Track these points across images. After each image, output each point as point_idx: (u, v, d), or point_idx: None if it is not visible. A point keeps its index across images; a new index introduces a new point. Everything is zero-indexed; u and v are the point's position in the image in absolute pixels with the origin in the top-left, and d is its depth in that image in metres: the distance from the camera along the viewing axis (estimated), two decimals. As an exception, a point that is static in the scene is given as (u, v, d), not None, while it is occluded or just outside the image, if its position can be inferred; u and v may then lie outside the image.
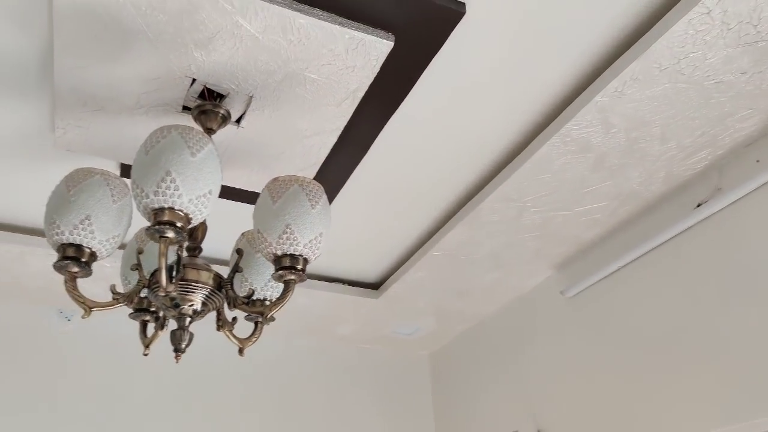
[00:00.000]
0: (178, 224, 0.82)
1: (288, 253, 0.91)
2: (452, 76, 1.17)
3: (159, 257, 0.82)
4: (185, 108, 1.17)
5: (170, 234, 0.82)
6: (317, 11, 1.00)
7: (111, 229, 0.93)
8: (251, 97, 1.14)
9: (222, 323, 1.00)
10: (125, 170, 1.38)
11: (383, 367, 2.31)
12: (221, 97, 1.15)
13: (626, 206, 1.50)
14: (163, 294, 0.86)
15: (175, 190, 0.82)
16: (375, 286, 1.96)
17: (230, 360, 2.04)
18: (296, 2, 0.98)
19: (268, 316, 0.92)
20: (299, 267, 0.91)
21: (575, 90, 1.21)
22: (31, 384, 1.79)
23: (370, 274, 1.91)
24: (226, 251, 1.72)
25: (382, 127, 1.27)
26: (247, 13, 0.97)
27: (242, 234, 1.16)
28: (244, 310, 0.93)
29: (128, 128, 1.21)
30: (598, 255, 1.66)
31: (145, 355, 1.00)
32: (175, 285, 0.87)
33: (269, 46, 1.03)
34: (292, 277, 0.91)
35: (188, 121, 1.19)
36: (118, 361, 1.91)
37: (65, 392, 1.82)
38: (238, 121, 1.20)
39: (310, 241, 0.92)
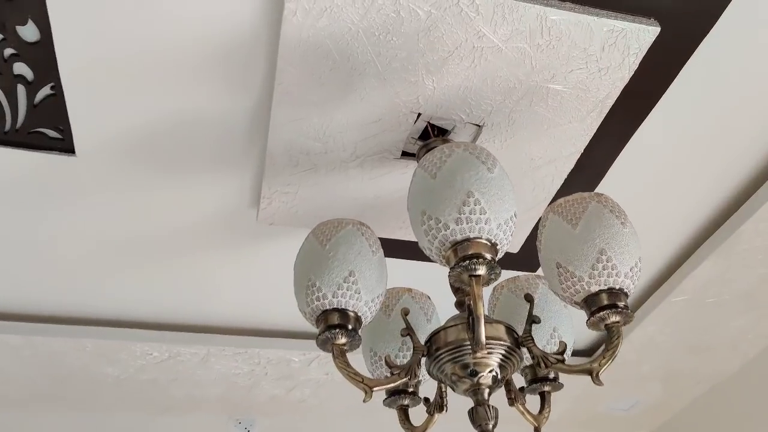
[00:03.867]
0: (488, 256, 0.65)
1: (605, 288, 0.70)
2: (718, 65, 0.97)
3: (474, 303, 0.64)
4: (404, 154, 1.03)
5: (482, 270, 0.64)
6: (569, 4, 0.85)
7: (375, 287, 0.77)
8: (481, 127, 0.99)
9: (515, 395, 0.78)
10: (325, 242, 1.25)
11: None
12: (444, 132, 1.00)
13: None
14: (479, 356, 0.67)
15: (481, 213, 0.65)
16: (587, 352, 1.68)
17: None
18: (545, -4, 0.84)
19: (598, 374, 0.70)
20: (622, 304, 0.70)
21: None
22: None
23: (580, 336, 1.64)
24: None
25: (625, 144, 1.07)
26: (493, 19, 0.83)
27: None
28: (562, 371, 0.72)
29: (339, 187, 1.08)
30: None
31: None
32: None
33: (512, 57, 0.88)
34: (617, 319, 0.70)
35: (412, 167, 1.04)
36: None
37: None
38: (462, 159, 1.04)
39: (630, 269, 0.71)
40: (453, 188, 0.67)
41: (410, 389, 0.86)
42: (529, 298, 0.76)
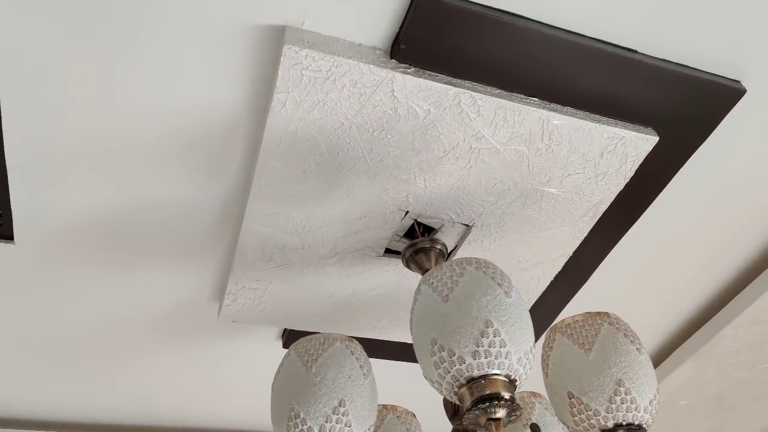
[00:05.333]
0: (507, 396, 0.57)
1: (623, 423, 0.64)
2: (707, 175, 0.96)
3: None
4: (388, 251, 0.96)
5: (502, 413, 0.56)
6: (570, 110, 0.82)
7: (367, 417, 0.67)
8: (470, 227, 0.93)
9: None
10: (290, 338, 1.14)
11: None
12: (430, 230, 0.94)
13: None
14: None
15: (501, 346, 0.58)
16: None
17: None
18: (547, 102, 0.81)
19: None
20: (642, 442, 0.64)
21: None
22: None
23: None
24: None
25: (612, 247, 1.04)
26: (494, 120, 0.79)
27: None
28: None
29: (314, 284, 0.99)
30: None
31: None
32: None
33: (509, 160, 0.84)
34: (638, 458, 0.63)
35: (394, 266, 0.97)
36: None
37: None
38: (447, 256, 0.98)
39: (650, 402, 0.65)
40: (469, 316, 0.59)
41: None
42: (535, 429, 0.69)
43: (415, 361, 1.22)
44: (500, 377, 0.58)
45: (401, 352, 1.19)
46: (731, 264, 1.13)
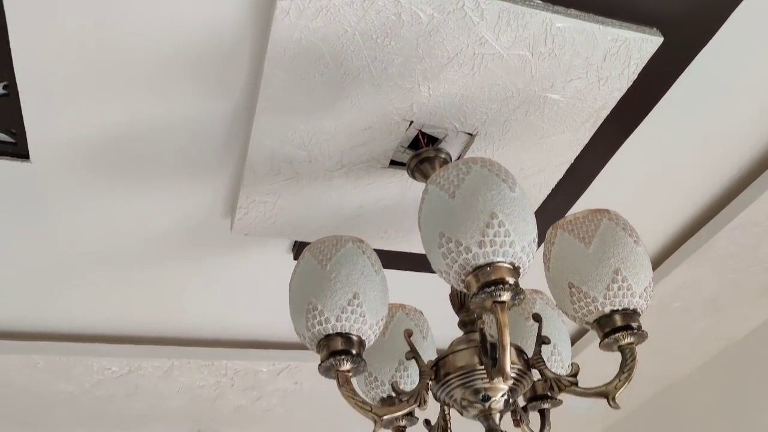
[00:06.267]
0: (511, 281, 0.61)
1: (619, 308, 0.68)
2: (709, 78, 0.97)
3: (499, 331, 0.60)
4: (393, 162, 0.98)
5: (507, 297, 0.60)
6: (574, 11, 0.82)
7: (379, 309, 0.72)
8: (473, 136, 0.95)
9: (519, 417, 0.76)
10: (300, 250, 1.18)
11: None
12: (434, 141, 0.96)
13: None
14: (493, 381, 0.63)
15: (505, 236, 0.61)
16: (556, 354, 1.68)
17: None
18: (551, 3, 0.80)
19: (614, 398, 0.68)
20: (636, 325, 0.68)
21: None
22: None
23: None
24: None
25: (613, 154, 1.06)
26: (497, 24, 0.79)
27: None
28: (576, 394, 0.69)
29: (321, 196, 1.02)
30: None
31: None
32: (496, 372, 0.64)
33: (513, 65, 0.85)
34: (631, 340, 0.68)
35: (399, 177, 1.00)
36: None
37: None
38: (451, 168, 1.00)
39: (644, 289, 0.69)
40: (475, 209, 0.62)
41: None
42: (537, 318, 0.73)
43: (421, 270, 1.27)
44: (504, 264, 0.62)
45: (408, 261, 1.23)
46: (731, 168, 1.15)
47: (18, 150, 0.90)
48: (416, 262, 1.24)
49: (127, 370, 1.33)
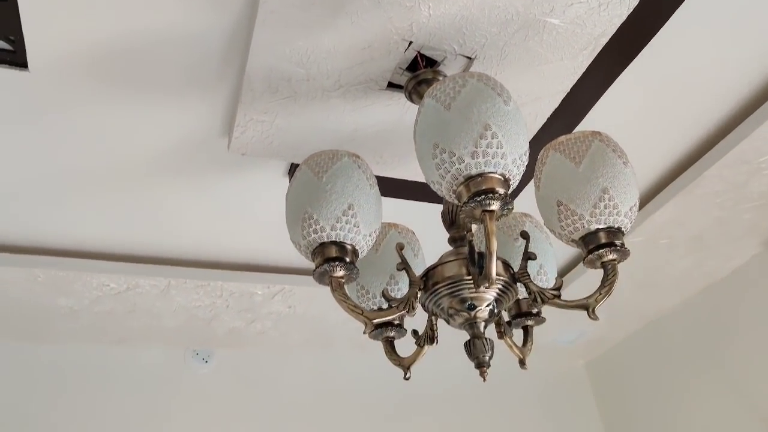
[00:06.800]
0: (501, 191, 0.63)
1: (604, 226, 0.71)
2: (712, 11, 0.97)
3: (487, 238, 0.63)
4: (390, 85, 0.98)
5: (496, 206, 0.63)
6: (577, -68, 0.81)
7: (373, 221, 0.74)
8: (471, 59, 0.95)
9: (503, 329, 0.79)
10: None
11: (538, 383, 2.07)
12: (433, 63, 0.96)
13: None
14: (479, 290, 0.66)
15: (498, 147, 0.63)
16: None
17: (392, 374, 1.84)
18: None
19: (594, 310, 0.71)
20: (619, 243, 0.71)
21: None
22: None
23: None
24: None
25: (610, 85, 1.07)
26: (500, -59, 0.78)
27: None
28: (558, 306, 0.73)
29: (318, 117, 1.03)
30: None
31: (407, 379, 0.81)
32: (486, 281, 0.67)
33: (513, -14, 0.84)
34: (614, 257, 0.71)
35: (396, 100, 1.00)
36: (266, 402, 1.72)
37: (217, 439, 1.63)
38: (449, 92, 1.01)
39: (630, 209, 0.72)
40: (469, 121, 0.64)
41: (396, 321, 0.86)
42: (525, 236, 0.76)
43: (416, 199, 1.29)
44: (495, 175, 0.64)
45: (403, 189, 1.25)
46: (723, 105, 1.16)
47: (16, 58, 0.90)
48: (411, 191, 1.26)
49: (125, 287, 1.36)
